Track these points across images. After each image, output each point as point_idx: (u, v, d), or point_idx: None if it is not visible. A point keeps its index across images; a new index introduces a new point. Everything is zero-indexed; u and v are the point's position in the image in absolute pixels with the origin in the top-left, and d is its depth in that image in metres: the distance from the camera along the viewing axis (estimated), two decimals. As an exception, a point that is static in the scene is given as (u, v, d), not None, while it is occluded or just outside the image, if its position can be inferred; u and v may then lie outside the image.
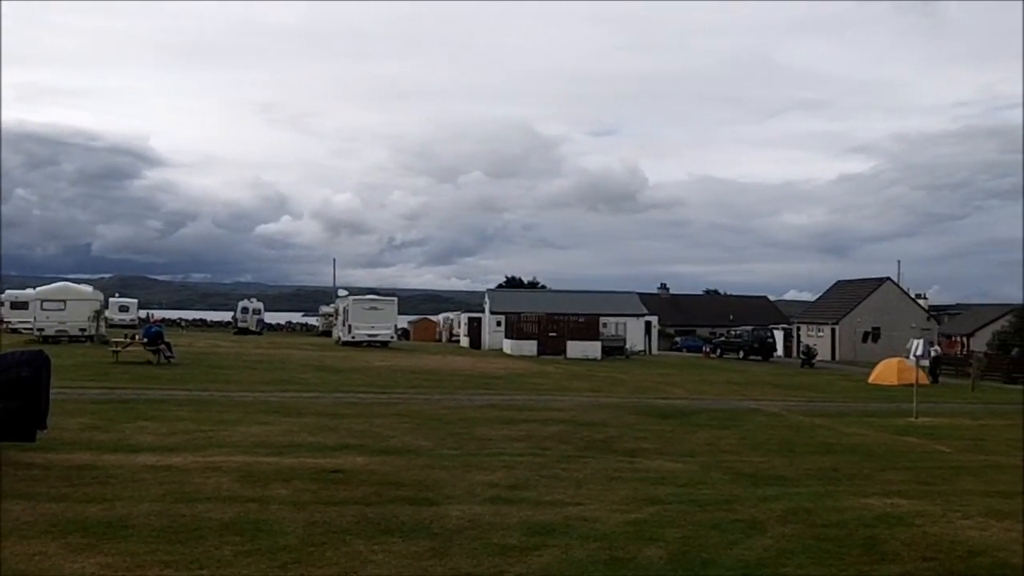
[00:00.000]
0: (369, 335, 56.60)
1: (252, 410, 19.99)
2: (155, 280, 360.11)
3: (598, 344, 55.82)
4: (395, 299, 61.76)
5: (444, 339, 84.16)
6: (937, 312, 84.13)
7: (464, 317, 74.96)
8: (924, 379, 35.80)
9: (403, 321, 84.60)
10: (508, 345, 57.62)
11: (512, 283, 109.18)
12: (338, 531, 9.03)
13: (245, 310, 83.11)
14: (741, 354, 64.58)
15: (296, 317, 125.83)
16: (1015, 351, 57.41)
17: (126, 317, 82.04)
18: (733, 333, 69.80)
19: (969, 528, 10.35)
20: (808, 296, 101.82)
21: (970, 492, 12.99)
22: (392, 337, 58.62)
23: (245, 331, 78.91)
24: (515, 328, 57.68)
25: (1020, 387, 44.08)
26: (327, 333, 77.26)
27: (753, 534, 9.57)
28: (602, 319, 60.48)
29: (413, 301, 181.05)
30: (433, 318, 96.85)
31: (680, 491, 12.13)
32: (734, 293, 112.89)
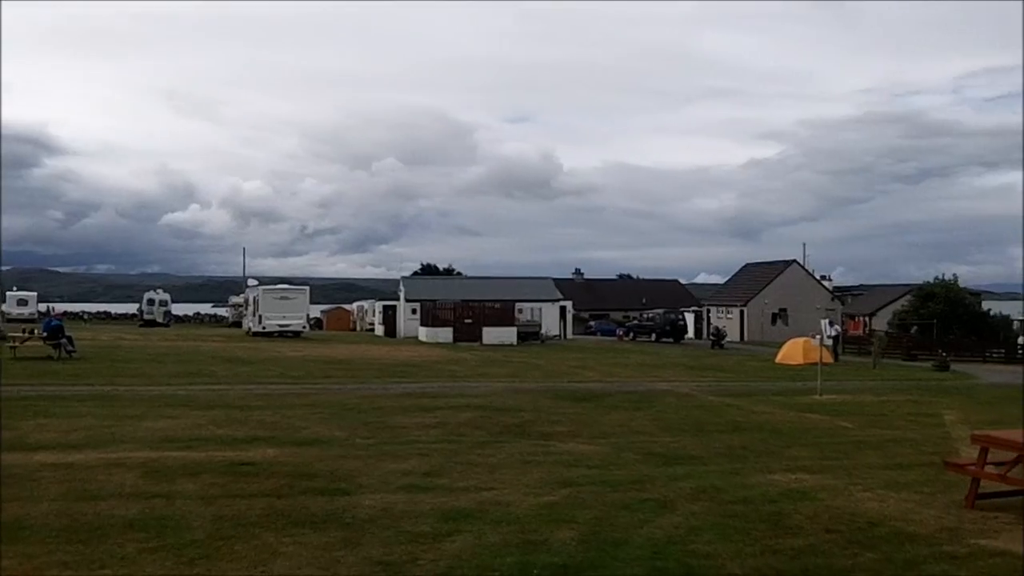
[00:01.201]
0: (280, 325, 55.92)
1: (158, 404, 19.61)
2: (56, 272, 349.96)
3: (514, 330, 56.03)
4: (307, 288, 61.11)
5: (359, 328, 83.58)
6: (841, 293, 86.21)
7: (379, 305, 74.52)
8: (828, 358, 36.69)
9: (316, 311, 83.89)
10: (424, 333, 57.49)
11: (427, 270, 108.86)
12: (247, 524, 8.90)
13: (151, 302, 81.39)
14: (653, 337, 65.41)
15: (205, 308, 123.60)
16: (914, 330, 59.17)
17: (24, 311, 79.85)
18: (646, 316, 70.65)
19: (869, 500, 10.66)
20: (718, 279, 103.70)
21: (871, 466, 13.38)
22: (304, 327, 58.02)
23: (152, 323, 77.31)
24: (430, 316, 57.55)
25: (920, 364, 45.50)
26: (237, 324, 76.13)
27: (663, 513, 9.71)
28: (517, 305, 60.71)
29: (327, 290, 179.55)
30: (347, 307, 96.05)
31: (593, 473, 12.25)
32: (647, 277, 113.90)
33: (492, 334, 54.33)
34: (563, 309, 68.79)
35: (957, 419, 20.27)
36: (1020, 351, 50.98)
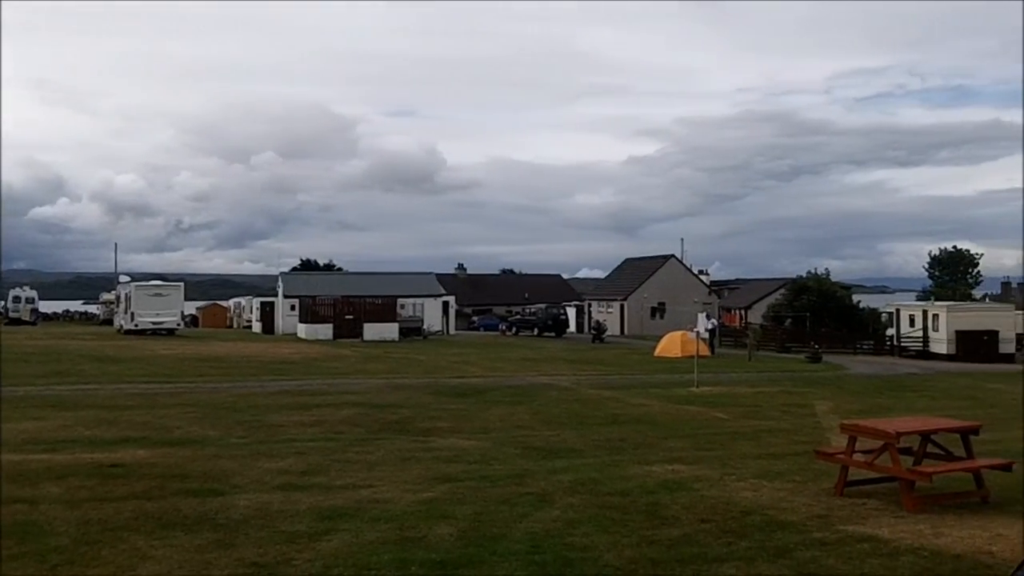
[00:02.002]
0: (154, 323, 54.42)
1: (23, 405, 18.87)
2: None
3: (395, 326, 55.66)
4: (181, 284, 59.59)
5: (236, 325, 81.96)
6: (718, 287, 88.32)
7: (256, 302, 73.13)
8: (705, 351, 37.46)
9: (191, 307, 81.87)
10: (303, 329, 56.63)
11: (307, 266, 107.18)
12: (115, 528, 8.60)
13: (17, 299, 78.23)
14: (536, 331, 65.84)
15: (75, 306, 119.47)
16: (788, 322, 60.91)
17: None
18: (528, 311, 71.08)
19: (743, 489, 10.89)
20: (599, 273, 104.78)
21: (745, 456, 13.69)
22: (179, 324, 56.58)
23: (17, 321, 74.21)
24: (310, 312, 56.71)
25: (793, 356, 46.86)
26: (108, 322, 73.74)
27: (542, 506, 9.74)
28: (399, 300, 60.31)
29: (203, 286, 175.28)
30: (223, 303, 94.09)
31: (472, 468, 12.23)
32: (530, 272, 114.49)
33: (373, 330, 53.86)
34: (446, 304, 68.67)
35: (828, 409, 20.91)
36: (888, 343, 52.93)
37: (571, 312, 76.29)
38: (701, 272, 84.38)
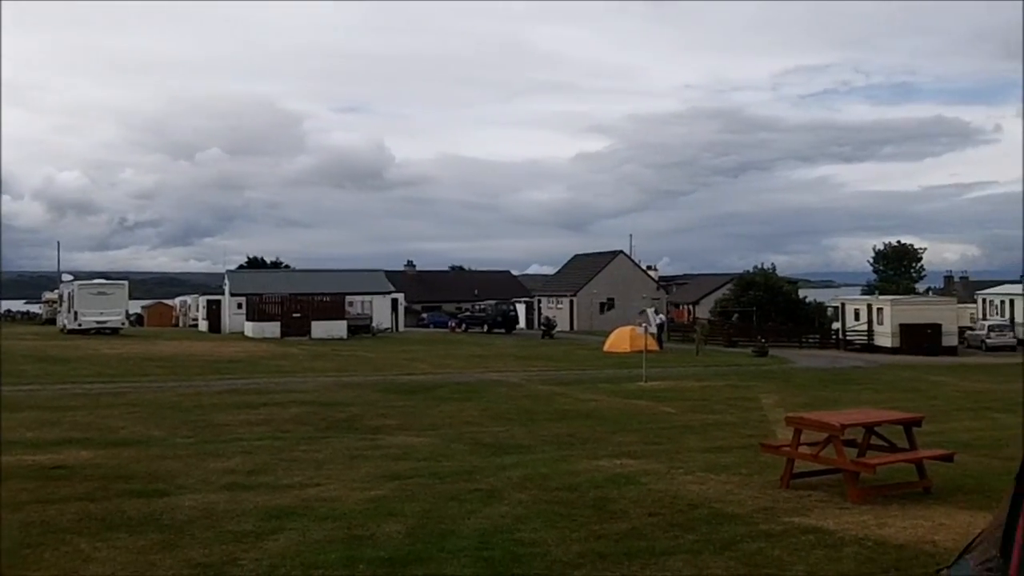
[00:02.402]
0: (98, 322, 53.66)
1: (-37, 407, 18.47)
2: None
3: (344, 323, 55.33)
4: (126, 283, 58.84)
5: (182, 324, 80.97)
6: (666, 282, 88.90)
7: (203, 300, 72.32)
8: (653, 345, 37.68)
9: (136, 306, 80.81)
10: (250, 328, 56.08)
11: (254, 264, 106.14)
12: (58, 530, 8.47)
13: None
14: (485, 328, 65.81)
15: (17, 305, 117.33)
16: (735, 317, 61.48)
17: None
18: (478, 308, 71.00)
19: (690, 483, 10.97)
20: (549, 270, 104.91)
21: (692, 449, 13.80)
22: (123, 323, 55.85)
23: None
24: (257, 310, 56.20)
25: (740, 350, 47.31)
26: (51, 321, 72.54)
27: (491, 502, 9.75)
28: (348, 298, 59.94)
29: (148, 285, 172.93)
30: (169, 302, 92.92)
31: (421, 465, 12.20)
32: (479, 268, 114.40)
33: (321, 328, 53.49)
34: (395, 301, 68.42)
35: (774, 402, 21.12)
36: (834, 337, 53.62)
37: (521, 308, 76.39)
38: (650, 268, 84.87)
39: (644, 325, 28.38)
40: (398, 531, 8.50)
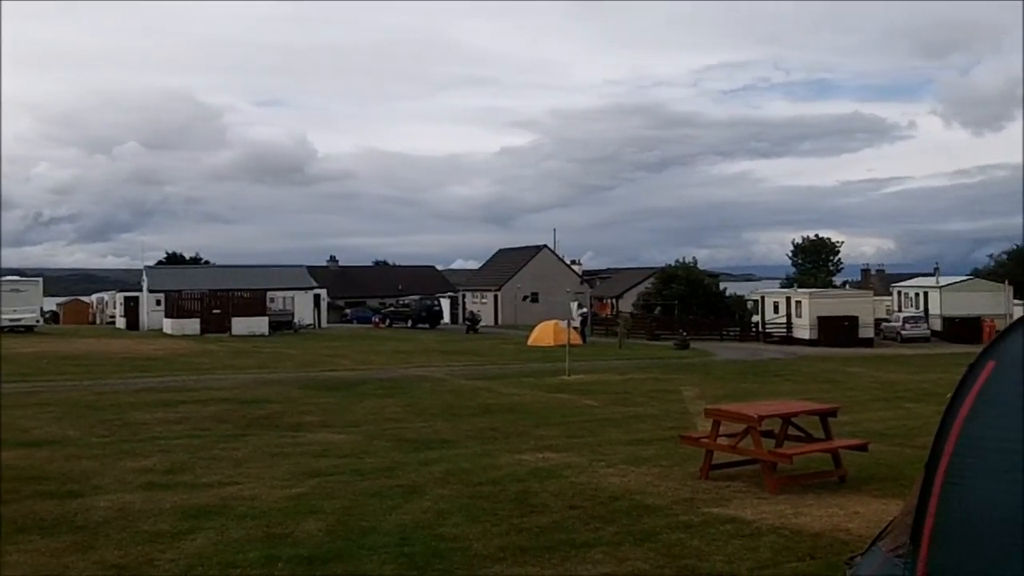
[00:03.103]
0: (11, 320, 52.25)
1: None
2: None
3: (265, 320, 54.71)
4: (40, 280, 57.47)
5: (99, 321, 79.30)
6: (590, 276, 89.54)
7: (120, 297, 70.95)
8: (577, 339, 37.93)
9: (51, 303, 78.97)
10: (169, 325, 55.15)
11: (173, 260, 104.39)
12: (-35, 534, 8.23)
13: None
14: (409, 323, 65.61)
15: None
16: (657, 310, 62.16)
17: None
18: (401, 303, 70.74)
19: (611, 475, 11.06)
20: (474, 264, 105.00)
21: (614, 442, 13.91)
22: (38, 321, 54.50)
23: None
24: (176, 307, 55.29)
25: (662, 343, 47.82)
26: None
27: (413, 498, 9.71)
28: (269, 294, 59.34)
29: (64, 282, 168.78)
30: (85, 299, 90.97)
31: (342, 462, 12.11)
32: (403, 264, 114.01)
33: (242, 324, 52.85)
34: (317, 297, 67.84)
35: (695, 395, 21.39)
36: (754, 329, 54.49)
37: (445, 303, 76.42)
38: (574, 262, 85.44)
39: (568, 320, 28.51)
40: (318, 529, 8.42)
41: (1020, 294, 55.80)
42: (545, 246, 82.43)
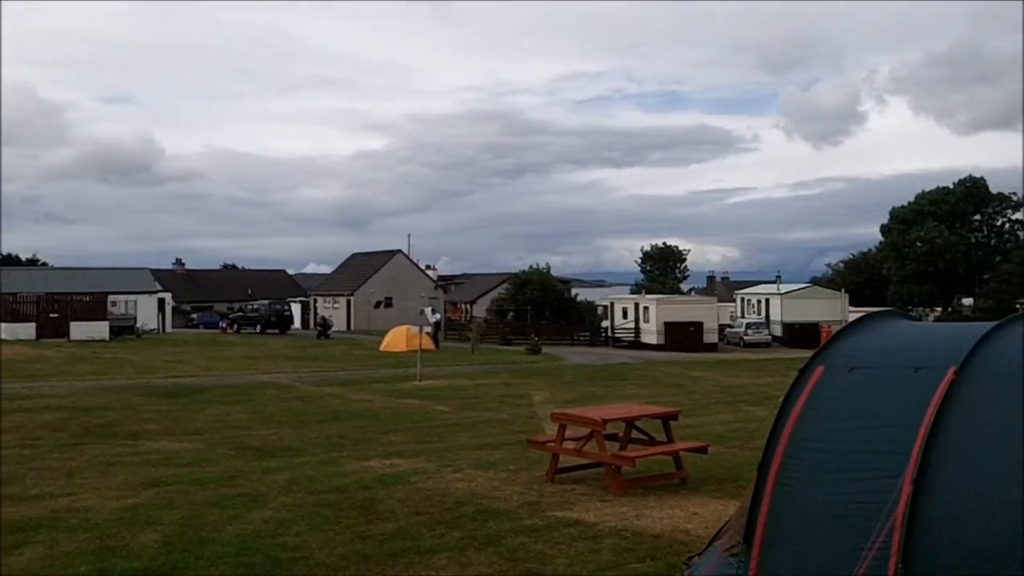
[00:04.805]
0: None
1: None
2: None
3: (105, 324, 52.71)
4: None
5: (-75, 326, 75.07)
6: (445, 282, 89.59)
7: (-52, 300, 67.35)
8: (429, 344, 37.86)
9: None
10: (2, 329, 52.63)
11: (8, 261, 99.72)
12: None
13: None
14: (258, 328, 64.25)
15: None
16: (510, 315, 62.67)
17: None
18: (250, 308, 69.26)
19: (458, 480, 11.07)
20: (327, 268, 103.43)
21: (462, 447, 13.92)
22: None
23: None
24: (9, 310, 52.80)
25: (515, 348, 48.20)
26: None
27: (254, 507, 9.51)
28: (110, 297, 57.19)
29: None
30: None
31: (182, 471, 11.77)
32: (253, 267, 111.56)
33: (81, 329, 50.82)
34: (162, 301, 65.79)
35: (544, 399, 21.59)
36: (603, 334, 55.47)
37: (296, 308, 75.05)
38: (428, 267, 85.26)
39: (421, 325, 28.43)
40: (154, 540, 8.16)
41: (856, 301, 58.54)
42: (399, 251, 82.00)
